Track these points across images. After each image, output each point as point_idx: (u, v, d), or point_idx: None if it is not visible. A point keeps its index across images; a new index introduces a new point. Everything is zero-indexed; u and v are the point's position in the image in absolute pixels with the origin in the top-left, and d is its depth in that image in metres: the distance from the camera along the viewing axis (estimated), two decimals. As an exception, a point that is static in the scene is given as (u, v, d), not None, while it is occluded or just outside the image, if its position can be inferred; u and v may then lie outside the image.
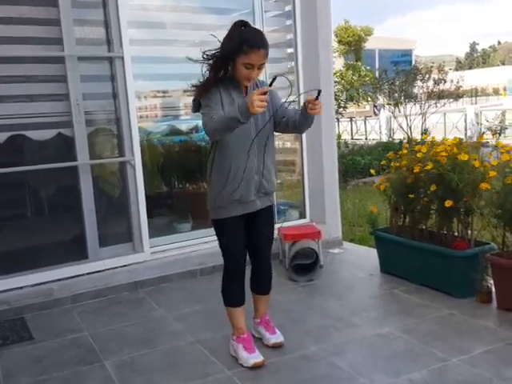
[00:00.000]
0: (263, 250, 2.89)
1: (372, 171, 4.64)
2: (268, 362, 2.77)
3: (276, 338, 2.95)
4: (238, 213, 2.72)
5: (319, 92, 2.47)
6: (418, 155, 3.75)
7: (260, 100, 2.28)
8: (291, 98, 2.68)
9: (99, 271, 3.99)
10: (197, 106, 2.66)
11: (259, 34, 2.56)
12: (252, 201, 2.72)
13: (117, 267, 4.06)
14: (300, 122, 2.64)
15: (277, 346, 2.92)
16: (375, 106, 16.99)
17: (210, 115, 2.51)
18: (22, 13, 3.76)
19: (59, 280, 3.84)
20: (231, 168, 2.64)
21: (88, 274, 3.95)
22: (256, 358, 2.75)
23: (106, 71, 4.08)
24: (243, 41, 2.48)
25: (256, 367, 2.72)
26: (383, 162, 4.26)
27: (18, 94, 3.86)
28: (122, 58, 3.99)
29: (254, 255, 2.89)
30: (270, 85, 2.37)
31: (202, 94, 2.59)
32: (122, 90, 4.03)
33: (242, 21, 2.60)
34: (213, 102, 2.56)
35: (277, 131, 2.80)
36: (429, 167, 3.55)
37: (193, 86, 2.69)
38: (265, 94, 2.30)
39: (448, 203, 3.41)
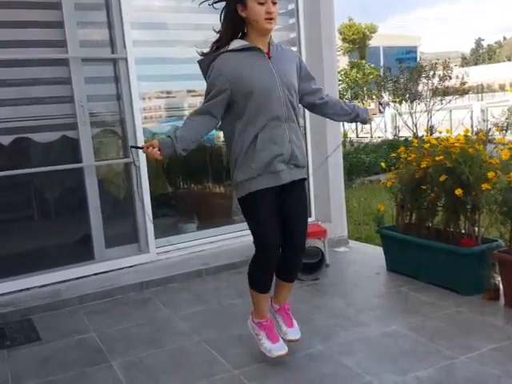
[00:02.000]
0: (296, 232, 2.64)
1: (382, 164, 4.63)
2: (275, 361, 2.75)
3: (293, 334, 2.80)
4: (267, 184, 2.50)
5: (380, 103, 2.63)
6: (425, 146, 3.74)
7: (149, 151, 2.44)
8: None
9: (105, 272, 4.00)
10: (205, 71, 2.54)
11: None
12: (282, 171, 2.51)
13: (123, 268, 4.07)
14: (342, 120, 2.86)
15: (293, 342, 2.80)
16: (380, 104, 16.87)
17: (202, 104, 2.51)
18: (25, 16, 3.78)
19: (66, 281, 3.85)
20: (258, 137, 2.46)
21: (94, 274, 3.96)
22: (280, 349, 2.67)
23: (110, 73, 4.09)
24: None
25: (280, 358, 2.68)
26: (393, 155, 4.25)
27: (22, 96, 3.87)
28: (126, 60, 3.99)
29: (286, 238, 2.61)
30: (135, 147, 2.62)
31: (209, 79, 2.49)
32: (126, 91, 4.04)
33: None
34: (212, 89, 2.47)
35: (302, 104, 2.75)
36: (439, 158, 3.53)
37: (203, 54, 2.57)
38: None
39: (458, 191, 3.36)
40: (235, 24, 2.48)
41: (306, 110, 3.91)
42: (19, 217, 4.02)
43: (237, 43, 2.49)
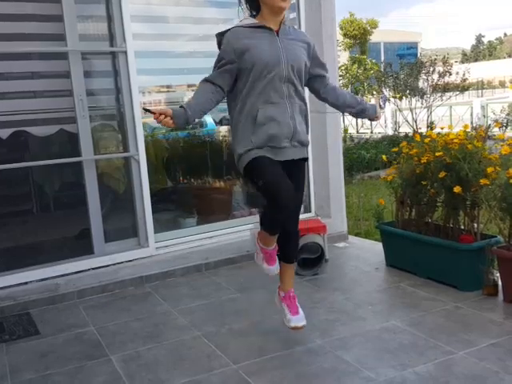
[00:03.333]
0: (292, 213, 2.68)
1: (383, 157, 4.61)
2: (274, 356, 2.76)
3: (296, 320, 2.77)
4: (269, 155, 2.53)
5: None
6: (426, 140, 3.76)
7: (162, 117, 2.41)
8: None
9: (105, 266, 4.00)
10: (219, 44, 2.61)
11: None
12: (284, 147, 2.55)
13: (122, 262, 4.06)
14: (346, 111, 2.84)
15: (297, 329, 2.80)
16: (381, 98, 16.81)
17: (210, 74, 2.54)
18: (24, 9, 3.77)
19: (65, 275, 3.85)
20: (259, 111, 2.50)
21: (93, 269, 3.96)
22: (275, 270, 2.85)
23: (110, 66, 4.07)
24: None
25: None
26: (395, 150, 4.24)
27: (21, 90, 3.87)
28: (126, 53, 3.97)
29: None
30: (147, 110, 2.49)
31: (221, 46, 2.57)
32: (125, 84, 4.01)
33: None
34: (219, 60, 2.54)
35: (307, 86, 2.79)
36: (439, 154, 3.53)
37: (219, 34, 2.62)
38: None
39: (457, 189, 3.37)
40: (252, 2, 2.55)
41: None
42: (18, 211, 4.02)
43: (248, 21, 2.56)
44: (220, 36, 2.60)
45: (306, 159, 2.75)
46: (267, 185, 2.49)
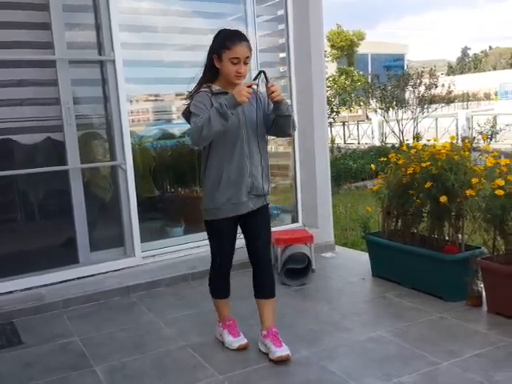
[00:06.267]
0: (260, 252, 2.89)
1: (372, 166, 4.62)
2: (259, 367, 2.76)
3: (281, 351, 2.77)
4: (229, 214, 2.78)
5: (259, 72, 2.65)
6: (412, 151, 3.81)
7: (247, 91, 2.52)
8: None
9: (90, 276, 3.96)
10: (188, 118, 2.74)
11: (238, 31, 2.73)
12: (243, 202, 2.77)
13: (108, 272, 4.03)
14: (276, 119, 2.74)
15: (283, 360, 2.75)
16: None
17: (195, 122, 2.61)
18: (12, 17, 3.75)
19: (49, 285, 3.81)
20: (223, 172, 2.72)
21: (79, 278, 3.93)
22: (240, 340, 2.96)
23: (97, 75, 4.07)
24: (225, 38, 2.66)
25: (241, 349, 2.93)
26: (383, 159, 4.27)
27: (8, 98, 3.84)
28: (114, 62, 3.97)
29: (253, 258, 2.90)
30: (255, 79, 2.61)
31: (192, 102, 2.70)
32: (113, 93, 4.01)
33: (221, 29, 2.77)
34: (200, 106, 2.64)
35: (269, 134, 2.88)
36: (425, 164, 3.57)
37: (187, 97, 2.77)
38: (250, 87, 2.56)
39: (443, 198, 3.41)
40: (211, 69, 2.73)
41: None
42: (2, 219, 3.96)
43: (213, 87, 2.72)
44: (189, 98, 2.76)
45: (267, 207, 2.90)
46: (216, 248, 2.92)
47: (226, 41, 2.64)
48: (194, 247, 4.39)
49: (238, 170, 2.73)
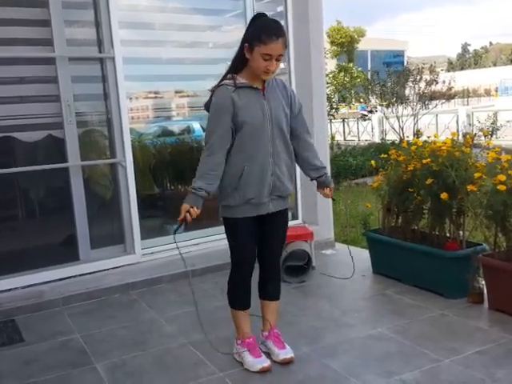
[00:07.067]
0: (274, 252, 2.81)
1: (372, 163, 4.61)
2: (260, 364, 2.75)
3: (285, 353, 2.74)
4: (247, 214, 2.64)
5: None
6: (412, 148, 3.79)
7: (190, 215, 2.52)
8: None
9: (90, 273, 3.97)
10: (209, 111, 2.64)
11: (277, 24, 2.52)
12: (264, 203, 2.64)
13: (108, 269, 4.03)
14: (306, 171, 2.82)
15: (286, 363, 2.73)
16: (369, 111, 16.67)
17: (204, 150, 2.60)
18: (11, 14, 3.74)
19: (50, 282, 3.81)
20: (244, 169, 2.57)
21: (79, 275, 3.93)
22: (263, 362, 2.70)
23: (97, 72, 4.05)
24: (262, 30, 2.44)
25: (263, 372, 2.66)
26: (384, 156, 4.25)
27: (8, 95, 3.83)
28: (113, 59, 3.96)
29: (263, 257, 2.80)
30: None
31: (212, 101, 2.57)
32: (113, 90, 4.01)
33: (259, 13, 2.58)
34: (214, 119, 2.55)
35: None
36: (426, 161, 3.56)
37: (211, 90, 2.64)
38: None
39: (444, 195, 3.40)
40: (240, 57, 2.56)
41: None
42: (3, 216, 3.96)
43: (238, 79, 2.56)
44: (213, 90, 2.62)
45: (287, 209, 2.81)
46: (237, 246, 2.72)
47: (263, 34, 2.42)
48: (194, 244, 4.40)
49: (260, 168, 2.57)
